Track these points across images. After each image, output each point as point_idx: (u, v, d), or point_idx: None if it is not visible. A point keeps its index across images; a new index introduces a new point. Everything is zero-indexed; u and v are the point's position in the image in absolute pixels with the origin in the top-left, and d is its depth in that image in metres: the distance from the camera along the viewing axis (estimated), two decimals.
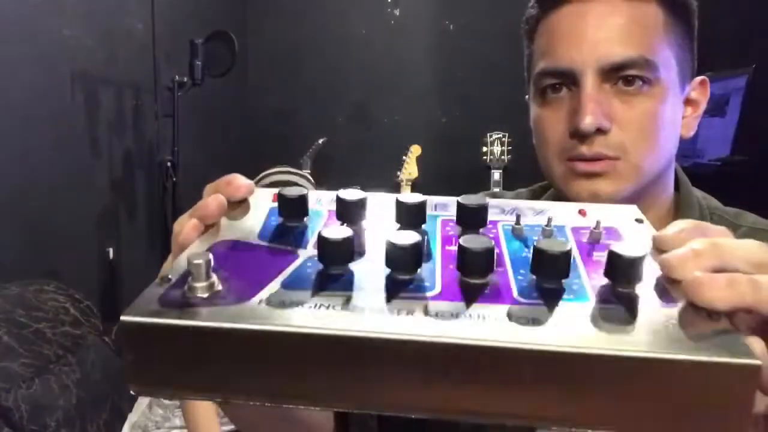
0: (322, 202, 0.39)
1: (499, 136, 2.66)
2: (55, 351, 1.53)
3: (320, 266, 0.31)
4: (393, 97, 3.34)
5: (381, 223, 0.35)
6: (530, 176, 0.80)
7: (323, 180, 3.10)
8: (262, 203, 0.39)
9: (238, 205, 0.40)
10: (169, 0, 2.44)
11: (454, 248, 0.31)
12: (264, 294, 0.28)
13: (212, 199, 0.39)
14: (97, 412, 1.54)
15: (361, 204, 0.35)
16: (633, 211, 0.38)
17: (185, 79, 2.17)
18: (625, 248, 0.28)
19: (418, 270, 0.30)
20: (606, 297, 0.29)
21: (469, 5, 3.27)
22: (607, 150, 0.57)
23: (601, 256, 0.31)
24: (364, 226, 0.35)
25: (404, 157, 2.83)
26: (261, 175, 1.68)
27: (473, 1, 3.27)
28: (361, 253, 0.32)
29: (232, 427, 1.60)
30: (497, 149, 2.64)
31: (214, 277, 0.29)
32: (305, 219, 0.37)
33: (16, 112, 1.71)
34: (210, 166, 2.89)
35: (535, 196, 0.75)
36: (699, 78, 0.64)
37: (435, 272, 0.30)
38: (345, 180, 3.20)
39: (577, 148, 0.58)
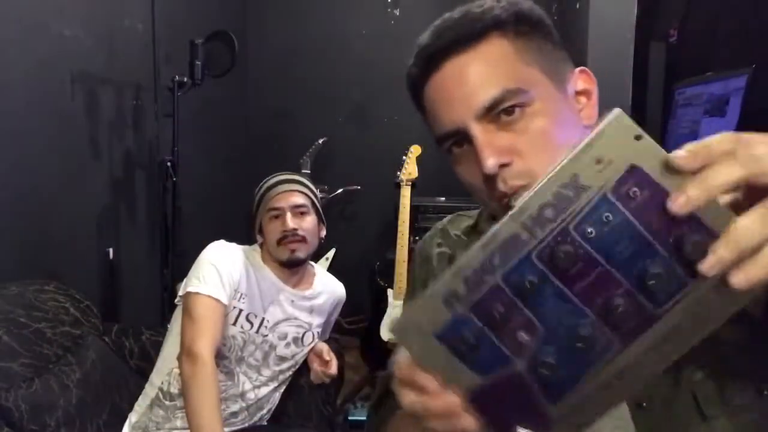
0: None
1: None
2: (55, 351, 1.53)
3: None
4: (393, 97, 3.33)
5: None
6: None
7: (323, 180, 3.10)
8: None
9: None
10: (169, 0, 2.44)
11: None
12: None
13: None
14: (97, 412, 1.54)
15: None
16: (624, 126, 0.37)
17: (185, 79, 2.17)
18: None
19: None
20: None
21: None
22: (519, 179, 0.61)
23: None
24: None
25: (404, 157, 2.83)
26: (265, 181, 1.66)
27: (473, 1, 3.27)
28: None
29: (233, 429, 1.60)
30: None
31: None
32: None
33: (16, 112, 1.71)
34: (210, 166, 2.89)
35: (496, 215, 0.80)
36: (577, 69, 0.67)
37: None
38: (345, 180, 3.21)
39: (496, 189, 0.62)
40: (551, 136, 0.61)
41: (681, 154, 0.37)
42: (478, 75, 0.61)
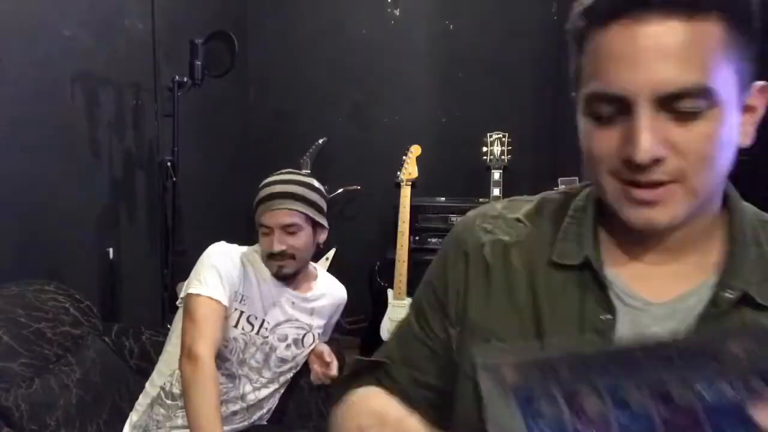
0: None
1: (499, 136, 2.65)
2: (55, 351, 1.52)
3: None
4: (393, 97, 3.34)
5: None
6: (530, 176, 0.80)
7: (323, 180, 3.10)
8: None
9: None
10: (169, 0, 2.44)
11: None
12: None
13: None
14: (97, 412, 1.54)
15: None
16: None
17: (185, 79, 2.17)
18: None
19: None
20: None
21: (469, 5, 3.26)
22: (665, 175, 0.55)
23: None
24: None
25: (404, 157, 2.83)
26: (262, 183, 1.63)
27: (473, 1, 3.27)
28: None
29: (233, 427, 1.60)
30: (497, 149, 2.64)
31: None
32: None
33: (16, 113, 1.71)
34: (210, 166, 2.89)
35: (568, 199, 0.71)
36: (759, 84, 0.60)
37: None
38: (345, 180, 3.21)
39: (631, 174, 0.56)
40: (715, 146, 0.55)
41: None
42: (680, 54, 0.53)
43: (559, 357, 0.39)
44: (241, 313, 1.56)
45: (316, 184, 1.63)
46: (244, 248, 1.64)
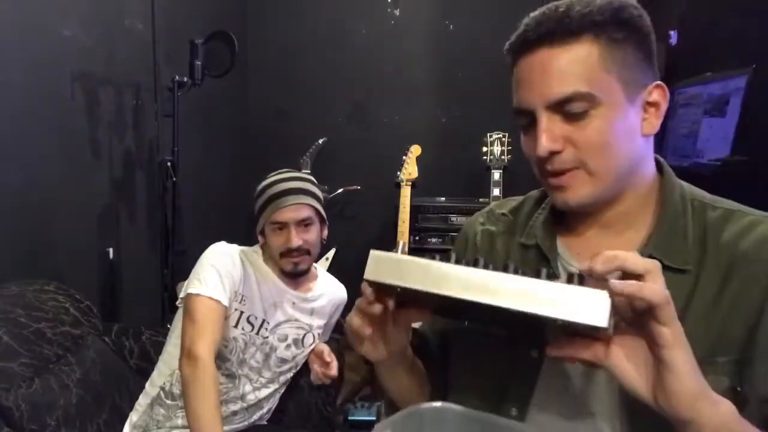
0: None
1: (499, 136, 2.65)
2: (55, 351, 1.53)
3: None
4: (393, 97, 3.34)
5: None
6: (530, 176, 0.80)
7: (323, 180, 3.10)
8: None
9: None
10: (169, 0, 2.44)
11: None
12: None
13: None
14: (97, 412, 1.54)
15: None
16: None
17: (185, 79, 2.17)
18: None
19: None
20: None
21: (469, 5, 3.26)
22: (565, 165, 0.72)
23: None
24: None
25: (404, 157, 2.83)
26: (264, 183, 1.63)
27: (473, 1, 3.27)
28: None
29: (233, 426, 1.60)
30: (497, 149, 2.64)
31: None
32: None
33: (16, 113, 1.71)
34: (210, 166, 2.89)
35: (546, 194, 0.85)
36: (654, 83, 0.73)
37: None
38: (345, 180, 3.21)
39: (544, 167, 0.74)
40: (606, 138, 0.70)
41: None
42: (558, 72, 0.70)
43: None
44: (241, 313, 1.56)
45: (314, 179, 1.67)
46: (244, 248, 1.64)
